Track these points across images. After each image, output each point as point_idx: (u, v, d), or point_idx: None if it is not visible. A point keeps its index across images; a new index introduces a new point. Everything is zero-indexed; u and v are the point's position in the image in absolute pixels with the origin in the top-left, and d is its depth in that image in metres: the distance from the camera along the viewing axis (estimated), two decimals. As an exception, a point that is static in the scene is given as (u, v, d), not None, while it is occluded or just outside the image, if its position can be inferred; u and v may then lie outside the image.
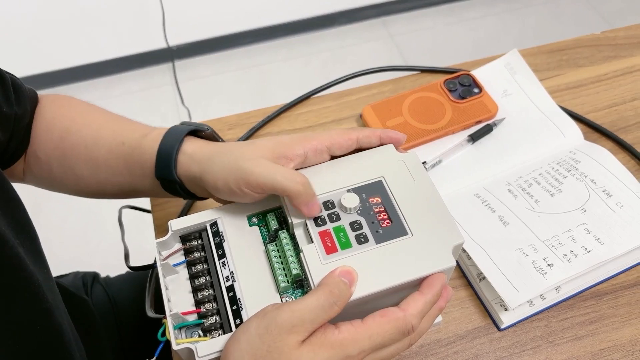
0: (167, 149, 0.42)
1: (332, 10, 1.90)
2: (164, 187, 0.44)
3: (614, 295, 0.51)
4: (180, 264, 0.40)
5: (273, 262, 0.38)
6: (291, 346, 0.32)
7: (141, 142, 0.45)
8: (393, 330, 0.33)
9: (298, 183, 0.37)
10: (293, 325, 0.32)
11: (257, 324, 0.33)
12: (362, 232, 0.38)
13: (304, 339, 0.32)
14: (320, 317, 0.32)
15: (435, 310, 0.37)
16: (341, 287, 0.33)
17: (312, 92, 0.67)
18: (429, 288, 0.35)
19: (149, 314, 0.41)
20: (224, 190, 0.39)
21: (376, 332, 0.33)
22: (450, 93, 0.63)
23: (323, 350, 0.32)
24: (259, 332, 0.32)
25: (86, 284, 0.69)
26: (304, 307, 0.32)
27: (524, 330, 0.49)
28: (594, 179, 0.54)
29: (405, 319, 0.34)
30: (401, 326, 0.34)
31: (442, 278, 0.36)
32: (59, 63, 1.76)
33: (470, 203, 0.55)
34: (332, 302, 0.33)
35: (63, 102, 0.51)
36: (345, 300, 0.33)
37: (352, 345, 0.32)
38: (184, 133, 0.43)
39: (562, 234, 0.50)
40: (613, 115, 0.64)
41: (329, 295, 0.33)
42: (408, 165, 0.41)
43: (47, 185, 0.52)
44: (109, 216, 1.21)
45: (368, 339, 0.33)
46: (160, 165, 0.43)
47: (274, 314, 0.32)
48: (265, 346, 0.32)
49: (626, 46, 0.71)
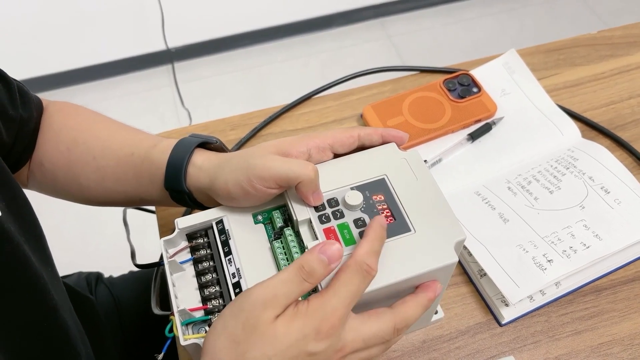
0: (177, 161, 0.43)
1: (330, 11, 1.91)
2: (172, 197, 0.45)
3: (612, 290, 0.51)
4: (186, 261, 0.41)
5: (278, 259, 0.38)
6: (265, 321, 0.32)
7: (150, 153, 0.45)
8: (351, 275, 0.34)
9: (312, 170, 0.38)
10: (265, 300, 0.32)
11: (231, 306, 0.33)
12: (365, 228, 0.38)
13: (278, 314, 0.33)
14: (292, 291, 0.33)
15: (424, 299, 0.38)
16: (314, 264, 0.33)
17: (314, 92, 0.68)
18: (368, 228, 0.36)
19: (155, 311, 0.42)
20: (235, 191, 0.39)
21: (337, 285, 0.33)
22: (449, 92, 0.64)
23: (296, 321, 0.32)
24: (234, 312, 0.33)
25: (90, 284, 0.70)
26: (275, 282, 0.33)
27: (525, 325, 0.50)
28: (592, 176, 0.55)
29: (356, 260, 0.34)
30: (356, 269, 0.34)
31: (379, 218, 0.36)
32: (59, 65, 1.76)
33: (470, 201, 0.55)
34: (301, 278, 0.33)
35: (70, 111, 0.51)
36: (319, 277, 0.34)
37: (322, 307, 0.33)
38: (193, 145, 0.44)
39: (562, 231, 0.51)
40: (610, 114, 0.64)
41: (298, 270, 0.33)
42: (410, 163, 0.42)
43: (51, 192, 0.52)
44: (110, 217, 1.22)
45: (333, 295, 0.33)
46: (170, 177, 0.44)
47: (247, 292, 0.33)
48: (240, 324, 0.32)
49: (622, 45, 0.72)
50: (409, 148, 0.60)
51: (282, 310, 0.33)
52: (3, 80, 0.47)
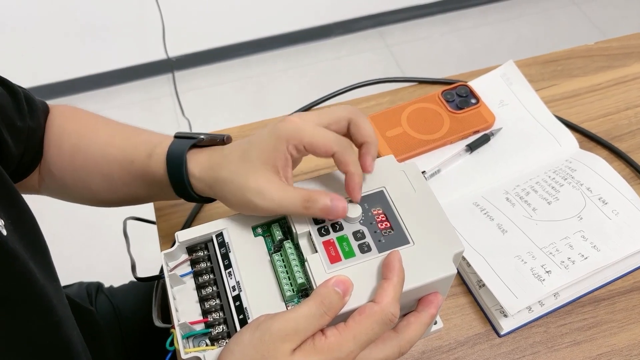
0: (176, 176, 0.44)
1: (328, 21, 1.92)
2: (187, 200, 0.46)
3: (611, 301, 0.52)
4: (187, 274, 0.41)
5: (278, 272, 0.39)
6: (284, 354, 0.33)
7: (149, 165, 0.46)
8: (374, 324, 0.34)
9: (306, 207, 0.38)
10: (286, 334, 0.33)
11: (251, 334, 0.34)
12: (364, 241, 0.39)
13: (296, 347, 0.33)
14: (312, 325, 0.33)
15: (427, 318, 0.38)
16: (332, 297, 0.34)
17: (312, 104, 0.68)
18: (390, 271, 0.36)
19: (156, 324, 0.42)
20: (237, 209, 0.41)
21: (359, 331, 0.34)
22: (447, 104, 0.64)
23: (313, 356, 0.33)
24: (253, 343, 0.33)
25: (90, 294, 0.70)
26: (296, 315, 0.33)
27: (524, 336, 0.50)
28: (590, 187, 0.55)
29: (382, 310, 0.34)
30: (381, 318, 0.34)
31: (398, 255, 0.36)
32: (59, 75, 1.77)
33: (469, 211, 0.56)
34: (322, 312, 0.33)
35: (70, 114, 0.52)
36: (337, 310, 0.34)
37: (339, 348, 0.33)
38: (184, 153, 0.43)
39: (560, 241, 0.51)
40: (607, 124, 0.65)
41: (320, 305, 0.34)
42: (408, 175, 0.42)
43: (64, 196, 0.52)
44: (111, 225, 1.22)
45: (353, 339, 0.33)
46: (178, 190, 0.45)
47: (268, 323, 0.33)
48: (259, 355, 0.33)
49: (619, 56, 0.72)
50: (408, 159, 0.61)
51: (299, 343, 0.33)
52: (9, 90, 0.47)
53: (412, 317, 0.38)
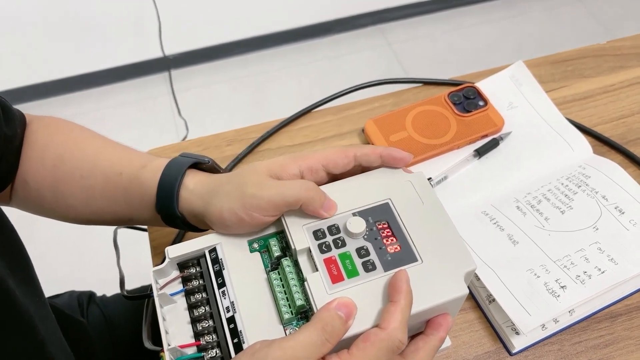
0: (168, 184, 0.41)
1: (328, 18, 1.89)
2: (164, 220, 0.43)
3: (628, 316, 0.49)
4: (178, 292, 0.38)
5: (276, 292, 0.36)
6: None
7: (140, 174, 0.43)
8: (380, 352, 0.31)
9: (308, 189, 0.36)
10: None
11: None
12: (369, 258, 0.36)
13: None
14: (313, 354, 0.31)
15: (436, 341, 0.36)
16: (335, 322, 0.31)
17: (313, 106, 0.65)
18: (397, 292, 0.33)
19: (146, 346, 0.40)
20: (230, 219, 0.37)
21: None
22: (454, 106, 0.61)
23: None
24: None
25: (82, 304, 0.68)
26: (295, 344, 0.30)
27: (537, 355, 0.47)
28: (605, 195, 0.52)
29: (389, 336, 0.32)
30: (387, 345, 0.32)
31: (405, 275, 0.34)
32: (54, 73, 1.74)
33: (477, 221, 0.53)
34: (324, 339, 0.31)
35: (57, 126, 0.49)
36: (340, 337, 0.32)
37: None
38: (185, 167, 0.42)
39: (574, 254, 0.49)
40: (621, 128, 0.62)
41: (321, 332, 0.31)
42: (416, 186, 0.40)
43: (35, 210, 0.49)
44: (103, 231, 1.20)
45: None
46: (161, 200, 0.41)
47: (264, 352, 0.31)
48: None
49: (632, 56, 0.69)
50: (413, 165, 0.58)
51: None
52: None
53: (421, 341, 0.35)
